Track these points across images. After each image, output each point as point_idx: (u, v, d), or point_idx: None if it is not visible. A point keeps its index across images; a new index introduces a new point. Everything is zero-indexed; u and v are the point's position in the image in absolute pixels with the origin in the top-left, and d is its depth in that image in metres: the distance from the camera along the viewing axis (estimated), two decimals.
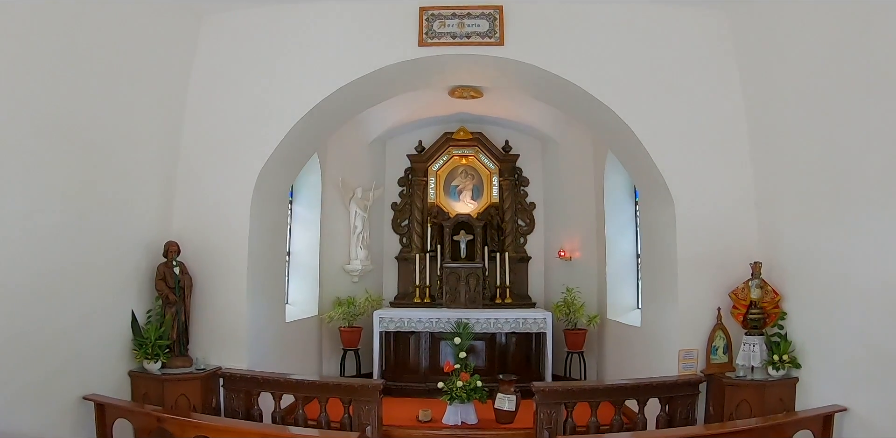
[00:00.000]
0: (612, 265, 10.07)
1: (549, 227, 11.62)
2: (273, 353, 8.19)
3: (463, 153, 11.78)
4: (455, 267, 10.73)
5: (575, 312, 9.92)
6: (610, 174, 10.23)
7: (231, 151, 7.50)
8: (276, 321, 8.45)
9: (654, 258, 7.95)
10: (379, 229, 11.65)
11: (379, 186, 11.59)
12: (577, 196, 10.94)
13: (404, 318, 9.85)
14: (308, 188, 10.68)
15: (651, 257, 8.15)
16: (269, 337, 8.10)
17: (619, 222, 10.21)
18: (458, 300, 10.54)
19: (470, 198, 11.75)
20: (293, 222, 10.47)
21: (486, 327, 9.71)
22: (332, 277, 10.72)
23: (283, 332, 8.69)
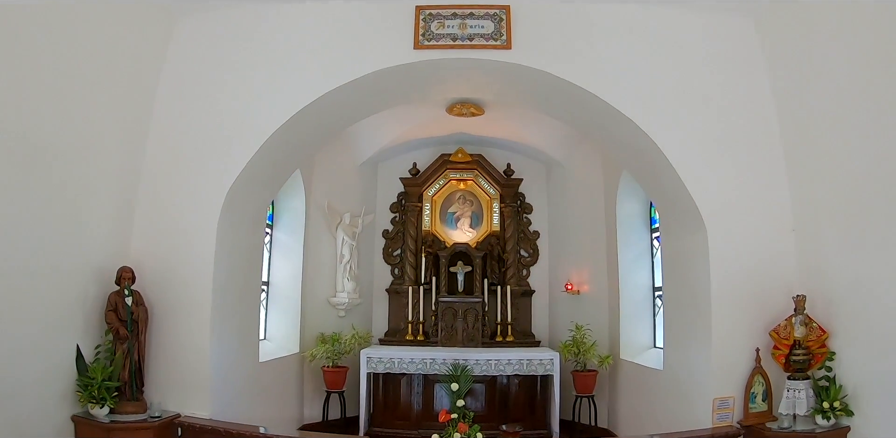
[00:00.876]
0: (626, 300, 9.21)
1: (555, 258, 10.92)
2: (243, 397, 7.27)
3: (461, 177, 11.06)
4: (451, 301, 9.95)
5: (585, 351, 9.01)
6: (623, 200, 9.45)
7: (199, 165, 6.68)
8: (247, 361, 7.53)
9: (680, 293, 7.09)
10: (368, 258, 10.91)
11: (369, 212, 10.82)
12: (586, 224, 10.23)
13: (395, 358, 8.91)
14: (290, 213, 9.86)
15: (676, 292, 7.28)
16: (239, 379, 7.18)
17: (633, 252, 9.38)
18: (455, 338, 9.75)
19: (468, 226, 11.00)
20: (272, 250, 9.68)
21: (486, 369, 8.80)
22: (315, 311, 9.88)
23: (256, 373, 7.78)
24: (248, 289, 7.55)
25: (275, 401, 8.55)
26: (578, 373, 9.20)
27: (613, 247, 9.47)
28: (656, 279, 9.16)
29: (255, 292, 7.91)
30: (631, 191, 9.35)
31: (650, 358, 8.62)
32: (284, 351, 9.20)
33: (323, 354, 9.18)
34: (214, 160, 6.66)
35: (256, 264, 7.90)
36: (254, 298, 7.83)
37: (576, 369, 9.27)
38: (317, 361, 9.29)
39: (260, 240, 8.03)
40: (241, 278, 7.25)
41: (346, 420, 9.52)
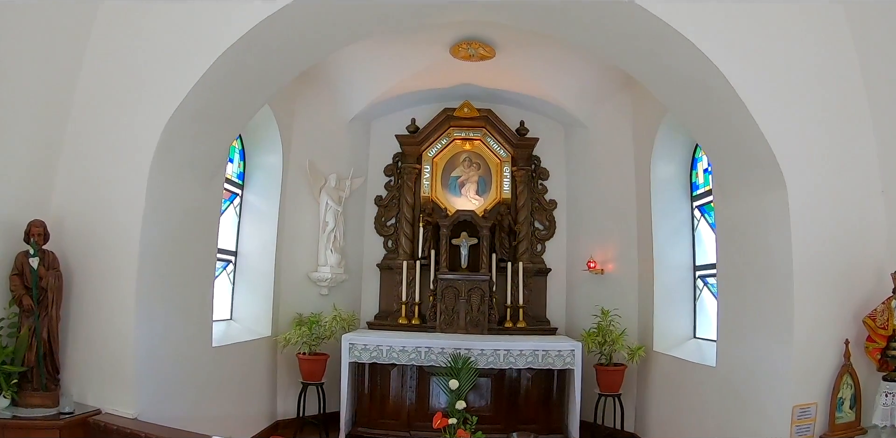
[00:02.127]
0: (661, 281, 7.87)
1: (574, 231, 9.65)
2: (190, 390, 5.96)
3: (467, 136, 9.72)
4: (453, 279, 8.68)
5: (612, 342, 7.63)
6: (659, 164, 8.11)
7: (132, 102, 5.31)
8: (195, 346, 6.15)
9: (744, 269, 5.68)
10: (357, 228, 9.63)
11: (359, 174, 9.50)
12: (612, 193, 8.99)
13: (383, 346, 7.54)
14: (264, 171, 8.53)
15: (736, 268, 5.86)
16: (183, 368, 5.83)
17: (670, 224, 8.04)
18: (457, 324, 8.50)
19: (474, 193, 9.69)
20: (242, 214, 8.38)
21: (493, 360, 7.45)
22: (292, 287, 8.61)
23: (208, 361, 6.43)
24: (197, 258, 6.19)
25: (239, 394, 7.29)
26: (603, 368, 7.85)
27: (646, 219, 8.15)
28: (698, 256, 7.89)
29: (208, 262, 6.49)
30: (668, 153, 8.08)
31: (690, 351, 7.39)
32: (253, 334, 7.91)
33: (298, 338, 7.83)
34: (150, 90, 5.27)
35: (210, 228, 6.51)
36: (206, 269, 6.42)
37: (600, 362, 7.94)
38: (291, 347, 7.98)
39: (216, 197, 6.64)
40: (186, 243, 5.90)
41: (324, 416, 8.19)
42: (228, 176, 7.85)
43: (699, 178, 7.91)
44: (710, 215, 7.59)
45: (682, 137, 7.94)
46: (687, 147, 8.06)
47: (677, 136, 7.97)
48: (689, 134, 7.57)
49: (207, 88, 5.33)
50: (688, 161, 8.12)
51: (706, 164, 7.64)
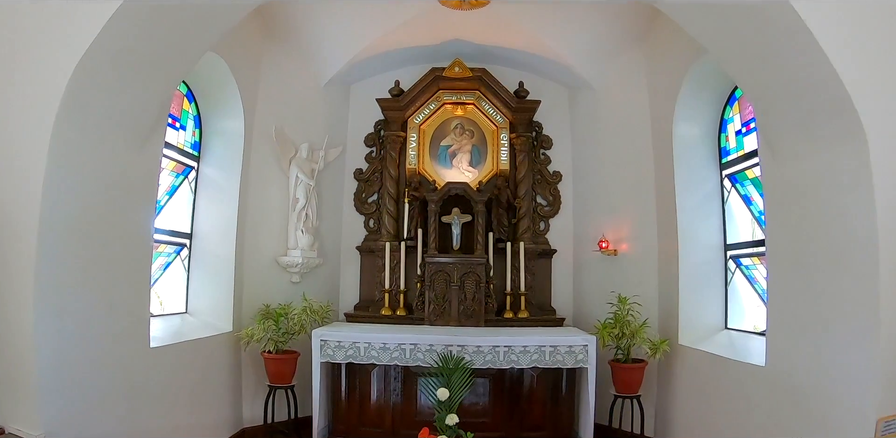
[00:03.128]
0: (686, 263, 6.84)
1: (582, 206, 8.68)
2: (118, 401, 4.99)
3: (458, 100, 8.66)
4: (444, 262, 7.68)
5: (633, 335, 6.61)
6: (681, 128, 7.07)
7: (35, 40, 4.29)
8: (125, 347, 5.13)
9: (805, 246, 4.66)
10: (334, 206, 8.67)
11: (336, 144, 8.48)
12: (625, 162, 8.01)
13: (360, 343, 6.51)
14: (223, 139, 7.43)
15: (794, 245, 4.86)
16: (108, 376, 4.86)
17: (696, 197, 7.00)
18: (448, 314, 7.55)
19: (467, 164, 8.66)
20: (198, 190, 7.32)
21: (491, 358, 6.45)
22: (258, 274, 7.62)
23: (146, 364, 5.44)
24: (128, 239, 5.17)
25: (193, 401, 6.30)
26: (620, 365, 6.85)
27: (668, 191, 7.15)
28: (729, 233, 6.89)
29: (143, 244, 5.44)
30: (693, 115, 7.04)
31: (722, 345, 6.42)
32: (212, 330, 6.88)
33: (262, 334, 6.81)
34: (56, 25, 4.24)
35: (145, 203, 5.47)
36: (140, 253, 5.39)
37: (616, 358, 6.94)
38: (256, 344, 6.95)
39: (152, 165, 5.58)
40: (111, 221, 4.90)
41: (296, 422, 7.20)
42: (180, 145, 6.92)
43: (730, 142, 6.89)
44: (742, 185, 6.65)
45: (710, 94, 6.92)
46: (715, 106, 7.03)
47: (704, 94, 6.94)
48: (724, 86, 6.71)
49: (129, 24, 4.29)
50: (715, 123, 7.09)
51: (739, 124, 6.68)
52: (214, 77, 6.99)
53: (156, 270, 6.59)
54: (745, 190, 6.56)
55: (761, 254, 6.10)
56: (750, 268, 6.50)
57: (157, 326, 6.21)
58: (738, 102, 6.72)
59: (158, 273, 6.70)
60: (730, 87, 6.75)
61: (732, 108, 6.82)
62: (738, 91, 6.69)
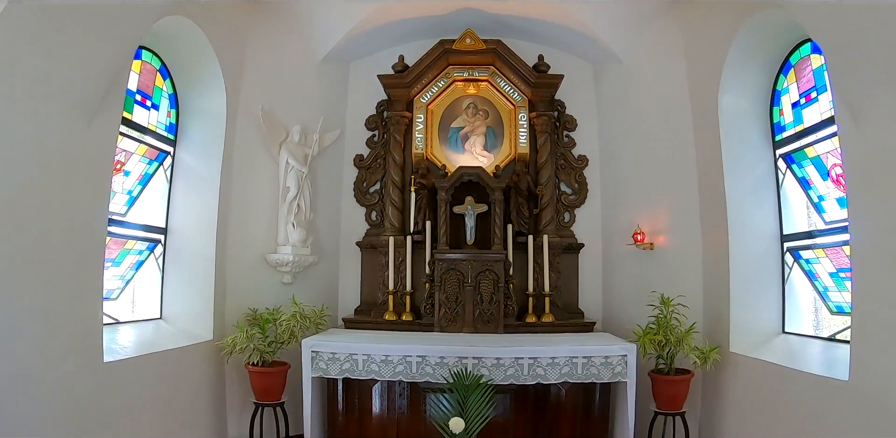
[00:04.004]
0: (738, 258, 6.03)
1: (612, 195, 7.93)
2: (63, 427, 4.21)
3: (471, 76, 7.88)
4: (456, 260, 6.87)
5: (679, 341, 5.76)
6: (727, 103, 6.24)
7: None
8: (68, 363, 4.32)
9: None
10: (331, 196, 7.96)
11: (334, 128, 7.73)
12: (660, 143, 7.27)
13: (358, 355, 5.67)
14: (203, 121, 6.68)
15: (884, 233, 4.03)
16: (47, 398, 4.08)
17: (747, 181, 6.18)
18: (462, 319, 6.73)
19: (482, 148, 7.86)
20: (174, 179, 6.59)
21: (514, 373, 5.59)
22: (244, 274, 6.88)
23: (97, 382, 4.64)
24: (74, 232, 4.41)
25: (164, 422, 5.51)
26: (662, 377, 5.99)
27: (714, 174, 6.34)
28: (786, 222, 6.07)
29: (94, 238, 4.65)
30: (741, 88, 6.21)
31: (782, 353, 5.60)
32: (190, 338, 6.13)
33: (245, 344, 6.00)
34: None
35: (97, 189, 4.68)
36: (91, 250, 4.61)
37: (656, 369, 6.09)
38: (239, 355, 6.16)
39: (106, 145, 4.80)
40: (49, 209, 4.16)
41: None
42: (152, 127, 6.16)
43: (785, 116, 6.05)
44: (800, 166, 5.84)
45: (761, 62, 6.10)
46: (766, 76, 6.19)
47: (753, 62, 6.10)
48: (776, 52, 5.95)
49: None
50: (767, 96, 6.25)
51: (796, 95, 5.85)
52: (192, 50, 6.26)
53: (126, 270, 6.02)
54: (803, 172, 5.78)
55: (825, 246, 5.45)
56: (811, 262, 5.71)
57: (126, 334, 5.59)
58: (794, 69, 5.91)
59: (130, 274, 6.07)
60: (783, 52, 5.97)
61: (787, 76, 6.00)
62: (793, 57, 5.91)
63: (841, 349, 4.95)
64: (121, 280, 5.98)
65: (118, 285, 5.95)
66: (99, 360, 4.62)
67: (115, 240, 5.69)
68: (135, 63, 5.84)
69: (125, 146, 5.77)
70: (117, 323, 5.78)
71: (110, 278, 5.76)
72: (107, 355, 4.77)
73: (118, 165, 5.71)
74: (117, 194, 5.75)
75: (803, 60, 5.77)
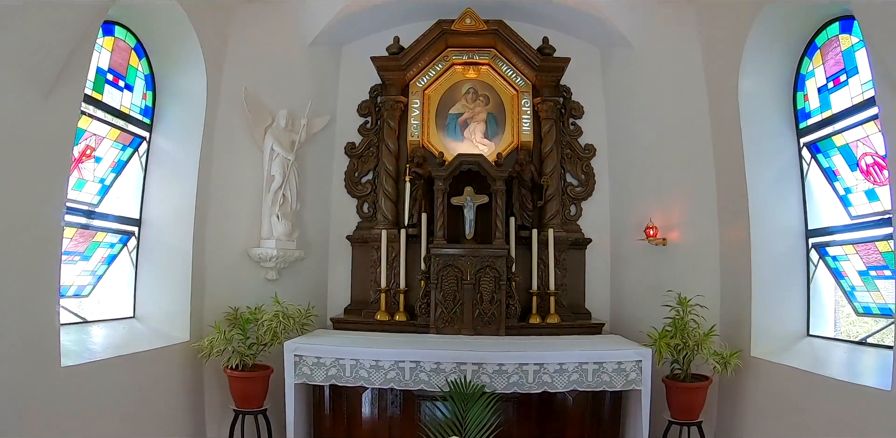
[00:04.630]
0: (760, 255, 5.64)
1: (621, 186, 7.59)
2: None
3: (470, 59, 7.50)
4: (454, 255, 6.48)
5: (697, 345, 5.37)
6: (748, 88, 5.85)
7: None
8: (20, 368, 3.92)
9: None
10: (320, 186, 7.60)
11: (323, 113, 7.35)
12: (673, 131, 6.88)
13: (345, 359, 5.25)
14: (181, 103, 6.24)
15: None
16: None
17: (769, 171, 5.79)
18: (460, 320, 6.32)
19: (482, 136, 7.49)
20: (149, 167, 6.18)
21: (518, 380, 5.19)
22: (224, 270, 6.46)
23: (55, 389, 4.23)
24: (25, 220, 4.01)
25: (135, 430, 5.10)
26: (677, 384, 5.58)
27: (732, 164, 5.97)
28: (811, 216, 5.70)
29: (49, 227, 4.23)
30: (764, 70, 5.81)
31: (808, 357, 5.21)
32: (165, 340, 5.74)
33: (223, 345, 5.60)
34: None
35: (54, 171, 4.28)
36: (47, 240, 4.21)
37: (671, 375, 5.69)
38: (217, 358, 5.75)
39: (66, 123, 4.38)
40: None
41: None
42: (125, 110, 5.77)
43: (810, 102, 5.65)
44: (826, 156, 5.47)
45: (784, 43, 5.71)
46: (789, 59, 5.80)
47: (776, 44, 5.71)
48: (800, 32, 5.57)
49: None
50: (790, 81, 5.85)
51: (823, 78, 5.46)
52: (170, 27, 5.86)
53: (96, 264, 5.64)
54: (829, 161, 5.40)
55: (857, 241, 5.08)
56: (838, 259, 5.33)
57: (93, 335, 5.26)
58: (820, 51, 5.52)
59: (101, 269, 5.69)
60: (808, 33, 5.60)
61: (812, 59, 5.62)
62: (819, 38, 5.53)
63: (875, 354, 4.61)
64: (92, 276, 5.61)
65: (89, 280, 5.59)
66: (55, 364, 4.18)
67: (84, 232, 5.33)
68: (107, 40, 5.52)
69: (95, 130, 5.40)
70: (85, 323, 5.41)
71: (80, 273, 5.46)
72: (65, 358, 4.34)
73: (88, 150, 5.39)
74: (88, 182, 5.40)
75: (830, 41, 5.38)
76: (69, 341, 4.73)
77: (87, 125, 5.28)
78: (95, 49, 5.23)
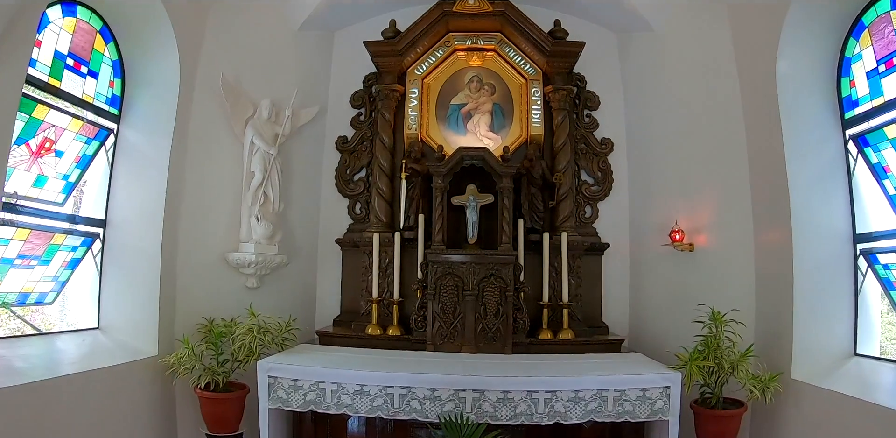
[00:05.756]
0: (803, 262, 5.10)
1: (641, 185, 7.23)
2: None
3: (474, 44, 7.11)
4: (455, 261, 6.05)
5: (733, 367, 4.85)
6: (786, 74, 5.32)
7: None
8: None
9: None
10: (308, 184, 7.24)
11: (312, 104, 6.95)
12: (700, 122, 6.43)
13: (325, 383, 4.73)
14: (152, 92, 5.88)
15: None
16: None
17: (813, 167, 5.25)
18: (461, 335, 5.86)
19: (487, 128, 7.07)
20: (115, 161, 5.77)
21: (526, 410, 4.65)
22: (198, 276, 6.07)
23: None
24: None
25: None
26: (709, 411, 5.06)
27: (770, 159, 5.44)
28: (859, 219, 5.19)
29: None
30: (803, 53, 5.28)
31: (859, 382, 4.68)
32: (131, 354, 5.35)
33: (192, 362, 5.16)
34: None
35: None
36: None
37: (701, 400, 5.18)
38: (186, 375, 5.29)
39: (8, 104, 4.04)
40: None
41: None
42: (88, 99, 5.38)
43: (857, 89, 5.14)
44: (876, 150, 4.96)
45: (825, 24, 5.22)
46: (833, 40, 5.29)
47: (816, 24, 5.22)
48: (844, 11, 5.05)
49: None
50: (834, 65, 5.34)
51: (873, 61, 4.94)
52: (140, 7, 5.53)
53: (58, 268, 5.30)
54: (880, 156, 4.89)
55: None
56: (889, 268, 4.80)
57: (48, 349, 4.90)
58: (868, 30, 4.98)
59: (63, 274, 5.35)
60: (854, 11, 5.09)
61: (859, 40, 5.09)
62: (867, 16, 5.01)
63: None
64: (54, 282, 5.24)
65: (52, 286, 5.23)
66: None
67: (40, 233, 4.96)
68: (67, 21, 5.14)
69: (54, 120, 5.02)
70: (40, 335, 5.03)
71: (40, 278, 5.10)
72: (20, 375, 4.02)
73: (47, 143, 5.01)
74: (50, 178, 5.06)
75: (880, 18, 4.86)
76: (25, 355, 4.42)
77: (45, 115, 4.90)
78: (53, 31, 4.93)
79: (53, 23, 4.95)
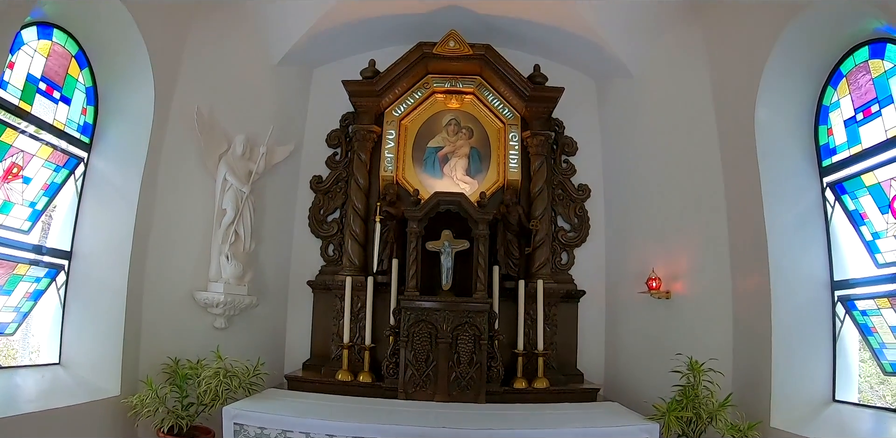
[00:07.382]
0: (782, 308, 5.26)
1: (618, 231, 7.44)
2: None
3: (453, 87, 7.35)
4: (429, 309, 6.11)
5: (711, 418, 4.96)
6: (765, 121, 5.56)
7: None
8: None
9: None
10: (281, 224, 7.35)
11: (287, 142, 7.11)
12: (678, 169, 6.67)
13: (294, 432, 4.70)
14: (125, 121, 5.91)
15: None
16: None
17: (791, 214, 5.48)
18: (434, 383, 5.90)
19: (463, 172, 7.33)
20: (84, 192, 5.77)
21: None
22: (165, 314, 6.02)
23: None
24: None
25: None
26: None
27: (748, 206, 5.67)
28: (837, 265, 5.39)
29: None
30: (782, 100, 5.54)
31: (839, 429, 4.82)
32: (93, 393, 5.27)
33: (155, 405, 5.08)
34: None
35: None
36: None
37: None
38: (149, 418, 5.20)
39: None
40: None
41: None
42: (59, 125, 5.44)
43: (835, 136, 5.39)
44: (853, 197, 5.18)
45: (804, 72, 5.47)
46: (810, 89, 5.54)
47: (795, 73, 5.47)
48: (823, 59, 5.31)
49: None
50: (811, 113, 5.60)
51: (850, 110, 5.20)
52: (116, 34, 5.57)
53: (20, 300, 5.22)
54: (857, 203, 5.11)
55: (890, 294, 4.74)
56: (867, 314, 4.99)
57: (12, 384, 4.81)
58: (846, 79, 5.25)
59: (25, 305, 5.25)
60: (833, 59, 5.34)
61: (837, 89, 5.35)
62: (844, 65, 5.27)
63: None
64: (16, 312, 5.17)
65: (13, 317, 5.16)
66: None
67: (2, 262, 4.91)
68: (42, 43, 5.20)
69: (23, 146, 5.03)
70: None
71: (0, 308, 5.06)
72: None
73: (15, 169, 5.03)
74: (16, 204, 5.04)
75: (858, 67, 5.14)
76: None
77: (13, 140, 4.92)
78: (27, 53, 4.97)
79: (28, 44, 5.01)
